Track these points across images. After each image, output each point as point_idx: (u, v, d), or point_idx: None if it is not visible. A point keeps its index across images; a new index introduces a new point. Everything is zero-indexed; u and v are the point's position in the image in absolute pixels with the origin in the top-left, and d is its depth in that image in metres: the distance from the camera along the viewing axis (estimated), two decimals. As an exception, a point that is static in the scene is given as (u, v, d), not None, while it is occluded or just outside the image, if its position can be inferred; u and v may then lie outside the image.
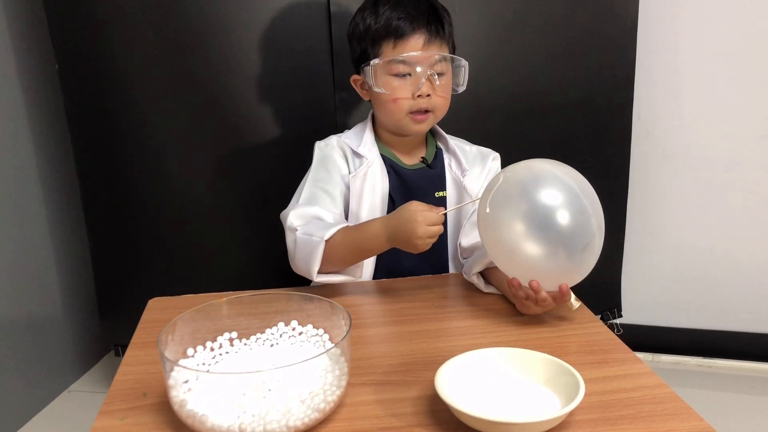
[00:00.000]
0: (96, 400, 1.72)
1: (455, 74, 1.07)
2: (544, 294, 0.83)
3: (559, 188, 0.79)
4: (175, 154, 1.54)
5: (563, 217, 0.78)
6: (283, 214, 1.04)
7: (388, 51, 1.02)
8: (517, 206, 0.79)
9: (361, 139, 1.11)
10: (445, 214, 0.93)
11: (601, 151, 1.64)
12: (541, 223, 0.78)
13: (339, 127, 1.46)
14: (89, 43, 1.46)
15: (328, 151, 1.10)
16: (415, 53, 1.00)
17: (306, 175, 1.10)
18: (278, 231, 1.57)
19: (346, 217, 1.09)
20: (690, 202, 1.80)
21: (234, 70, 1.46)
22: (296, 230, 0.98)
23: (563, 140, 1.60)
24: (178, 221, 1.59)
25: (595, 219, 0.80)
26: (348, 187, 1.08)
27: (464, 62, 1.06)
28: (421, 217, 0.87)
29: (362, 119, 1.17)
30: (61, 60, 1.49)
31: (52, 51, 1.49)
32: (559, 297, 0.84)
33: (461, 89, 1.08)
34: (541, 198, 0.78)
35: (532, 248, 0.79)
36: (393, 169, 1.10)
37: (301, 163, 1.52)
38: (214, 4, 1.42)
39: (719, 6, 1.65)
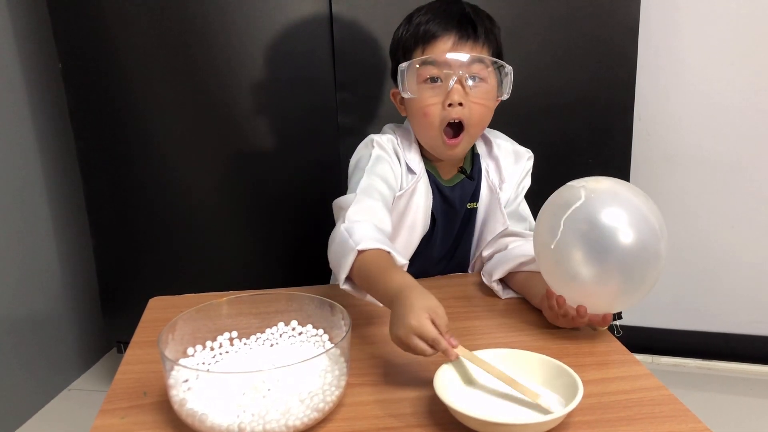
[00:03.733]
0: (96, 398, 1.72)
1: (500, 82, 0.98)
2: (585, 319, 0.80)
3: (639, 223, 0.76)
4: (177, 153, 1.55)
5: (641, 258, 0.75)
6: (339, 201, 0.94)
7: (418, 56, 0.96)
8: (593, 239, 0.75)
9: (410, 150, 1.03)
10: None
11: (602, 152, 1.64)
12: (614, 260, 0.74)
13: (340, 128, 1.47)
14: (92, 43, 1.47)
15: (385, 155, 1.01)
16: (443, 54, 0.93)
17: (357, 165, 1.00)
18: (279, 232, 1.56)
19: None
20: (690, 204, 1.80)
21: (236, 72, 1.47)
22: (342, 222, 0.87)
23: (564, 141, 1.60)
24: (181, 220, 1.59)
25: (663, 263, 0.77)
26: (395, 196, 1.00)
27: (508, 68, 0.97)
28: (417, 323, 0.68)
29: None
30: (64, 59, 1.50)
31: (56, 50, 1.50)
32: (599, 321, 0.81)
33: (505, 97, 0.99)
34: (619, 237, 0.74)
35: (593, 276, 0.76)
36: (436, 185, 1.03)
37: (304, 164, 1.53)
38: (217, 6, 1.42)
39: (720, 8, 1.65)
